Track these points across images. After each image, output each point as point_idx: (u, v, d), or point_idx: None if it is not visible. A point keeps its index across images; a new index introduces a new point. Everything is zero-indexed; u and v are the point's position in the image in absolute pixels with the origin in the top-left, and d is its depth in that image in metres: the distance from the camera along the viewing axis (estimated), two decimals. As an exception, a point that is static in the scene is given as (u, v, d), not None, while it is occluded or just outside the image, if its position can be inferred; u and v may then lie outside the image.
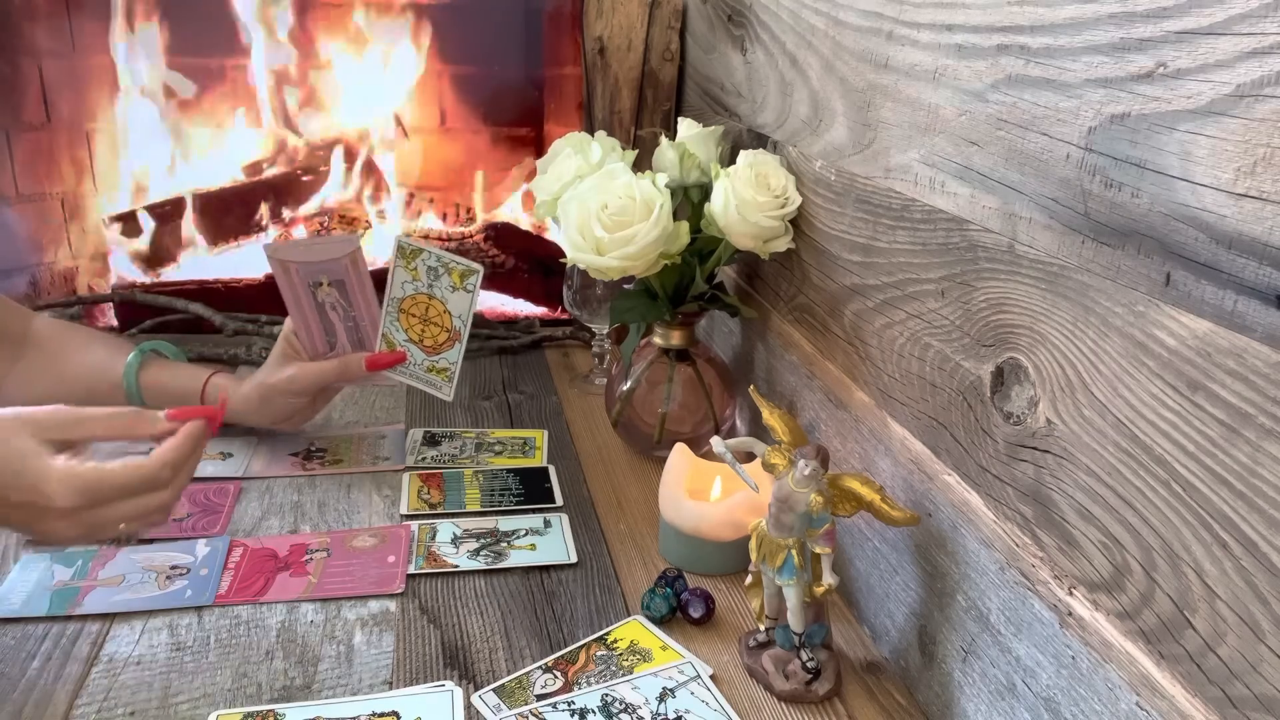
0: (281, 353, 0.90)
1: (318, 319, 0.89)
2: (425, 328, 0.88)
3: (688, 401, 0.96)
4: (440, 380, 0.90)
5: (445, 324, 0.88)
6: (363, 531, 0.81)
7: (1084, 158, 0.48)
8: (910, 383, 0.67)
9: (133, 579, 0.73)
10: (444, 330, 0.88)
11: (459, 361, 0.89)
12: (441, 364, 0.89)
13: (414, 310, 0.88)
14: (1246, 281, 0.38)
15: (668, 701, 0.62)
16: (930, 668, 0.64)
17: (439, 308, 0.87)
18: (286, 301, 0.88)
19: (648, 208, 0.83)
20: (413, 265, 0.86)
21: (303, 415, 0.93)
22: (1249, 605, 0.39)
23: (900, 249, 0.68)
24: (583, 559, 0.79)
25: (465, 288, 0.86)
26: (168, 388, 0.93)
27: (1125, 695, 0.46)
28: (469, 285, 0.86)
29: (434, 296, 0.87)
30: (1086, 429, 0.49)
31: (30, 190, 1.29)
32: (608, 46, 1.25)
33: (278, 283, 0.88)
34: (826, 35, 0.79)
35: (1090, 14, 0.47)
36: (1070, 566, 0.51)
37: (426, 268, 0.86)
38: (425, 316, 0.88)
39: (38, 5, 1.28)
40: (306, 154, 1.53)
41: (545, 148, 1.08)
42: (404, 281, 0.87)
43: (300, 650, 0.66)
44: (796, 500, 0.61)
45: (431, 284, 0.86)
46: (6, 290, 1.24)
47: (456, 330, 0.88)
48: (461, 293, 0.86)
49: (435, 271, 0.86)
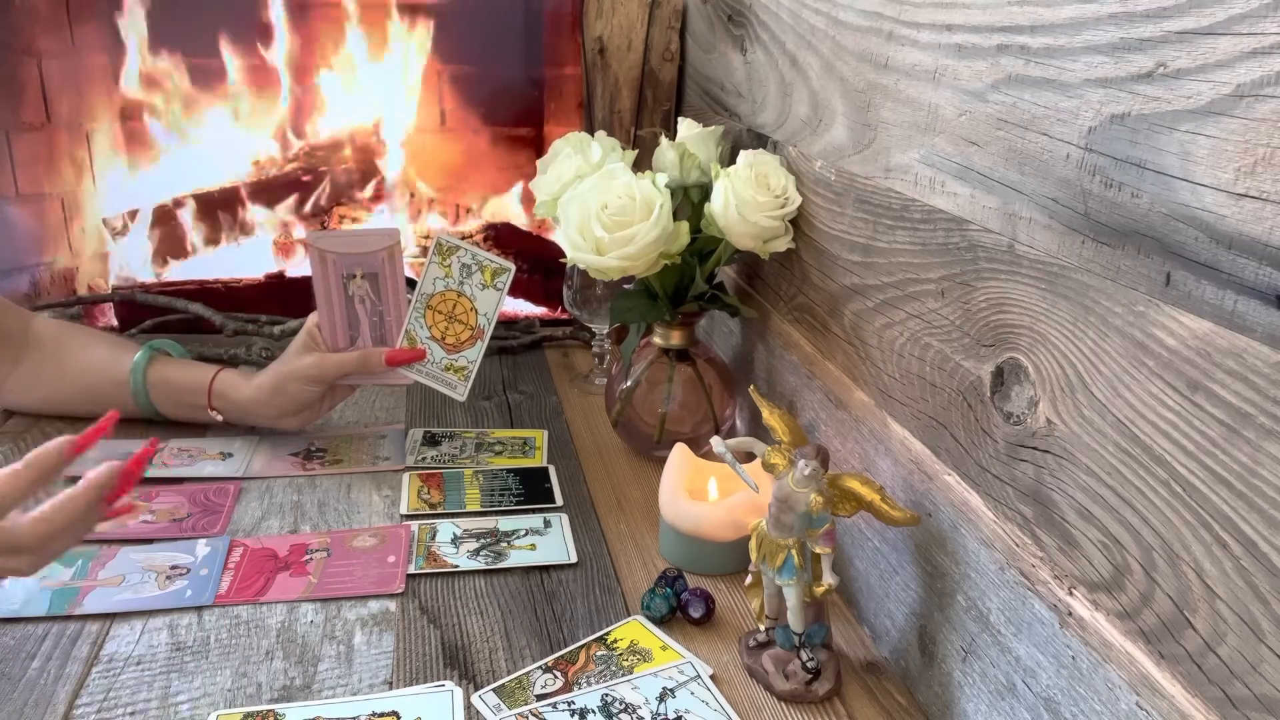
0: (303, 343, 0.91)
1: (344, 312, 0.91)
2: (450, 325, 0.90)
3: (688, 401, 0.96)
4: (456, 379, 0.91)
5: (470, 321, 0.90)
6: (363, 531, 0.81)
7: (1084, 158, 0.48)
8: (910, 383, 0.67)
9: (133, 579, 0.73)
10: (468, 328, 0.90)
11: (478, 360, 0.91)
12: (460, 362, 0.91)
13: (441, 307, 0.90)
14: (1246, 281, 0.38)
15: (668, 701, 0.62)
16: (930, 668, 0.64)
17: (466, 305, 0.90)
18: (316, 291, 0.90)
19: (648, 208, 0.83)
20: (447, 262, 0.89)
21: (310, 413, 0.93)
22: (1249, 605, 0.39)
23: (900, 249, 0.68)
24: (583, 559, 0.79)
25: (495, 285, 0.89)
26: (175, 384, 0.93)
27: (1125, 695, 0.46)
28: (499, 284, 0.89)
29: (463, 294, 0.89)
30: (1086, 429, 0.49)
31: (30, 190, 1.29)
32: (608, 46, 1.25)
33: (312, 270, 0.89)
34: (826, 35, 0.79)
35: (1090, 14, 0.47)
36: (1070, 566, 0.51)
37: (461, 264, 0.89)
38: (452, 313, 0.90)
39: (38, 5, 1.28)
40: (307, 154, 1.53)
41: (545, 148, 1.08)
42: (436, 278, 0.89)
43: (300, 650, 0.66)
44: (796, 500, 0.61)
45: (463, 280, 0.89)
46: (6, 290, 1.24)
47: (480, 328, 0.90)
48: (491, 290, 0.89)
49: (469, 269, 0.89)
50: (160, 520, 0.81)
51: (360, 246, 0.89)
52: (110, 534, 0.78)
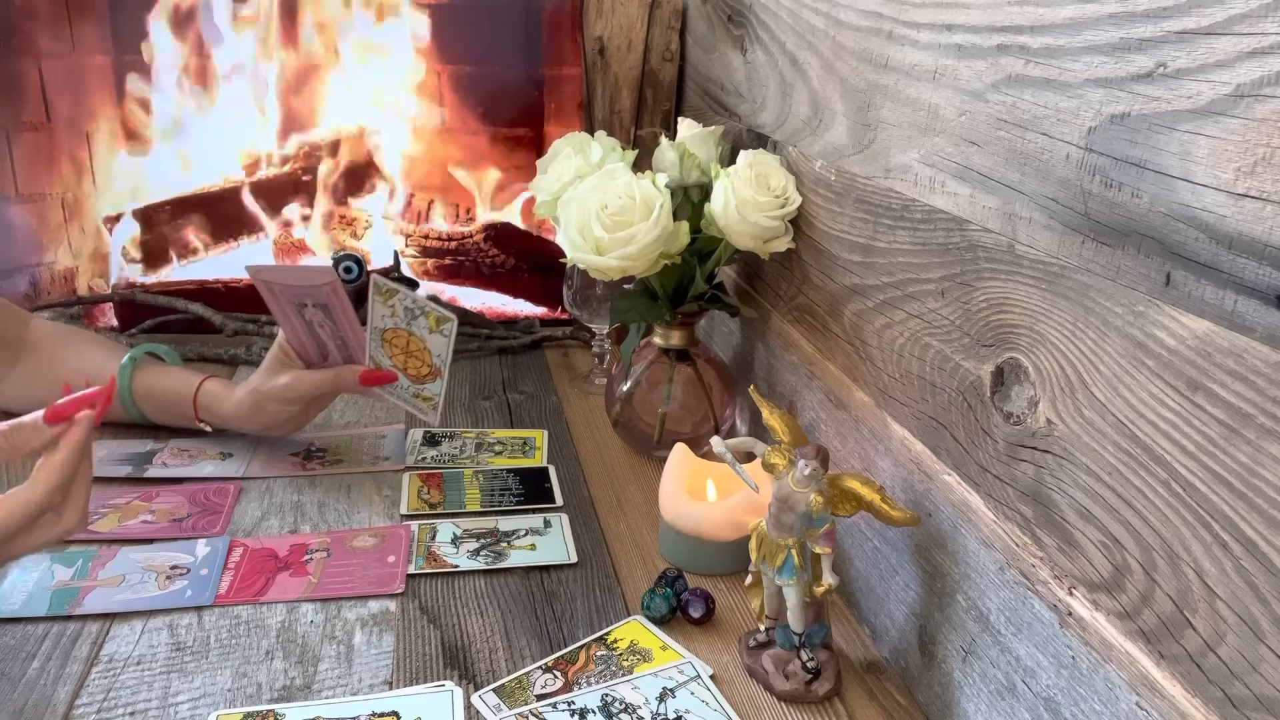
0: (277, 359, 0.89)
1: (308, 334, 0.89)
2: (408, 359, 0.87)
3: (688, 401, 0.96)
4: (425, 407, 0.89)
5: (426, 360, 0.87)
6: (363, 531, 0.81)
7: (1084, 158, 0.48)
8: (910, 383, 0.67)
9: (133, 579, 0.73)
10: (425, 365, 0.87)
11: (441, 394, 0.88)
12: (426, 393, 0.88)
13: (395, 341, 0.87)
14: (1246, 281, 0.38)
15: (668, 701, 0.62)
16: (930, 668, 0.64)
17: (419, 344, 0.86)
18: (275, 316, 0.88)
19: (648, 208, 0.83)
20: (390, 303, 0.85)
21: (294, 423, 0.92)
22: (1249, 605, 0.39)
23: (900, 249, 0.68)
24: (583, 559, 0.79)
25: (442, 332, 0.85)
26: (160, 394, 0.92)
27: (1125, 695, 0.46)
28: (445, 330, 0.84)
29: (413, 333, 0.86)
30: (1086, 429, 0.49)
31: (30, 190, 1.29)
32: (608, 46, 1.25)
33: (265, 300, 0.86)
34: (826, 35, 0.79)
35: (1090, 14, 0.47)
36: (1070, 566, 0.51)
37: (404, 307, 0.85)
38: (407, 349, 0.87)
39: (38, 5, 1.28)
40: (306, 154, 1.53)
41: (545, 148, 1.08)
42: (384, 315, 0.86)
43: (300, 650, 0.66)
44: (796, 500, 0.61)
45: (410, 322, 0.85)
46: (6, 291, 1.24)
47: (437, 367, 0.87)
48: (439, 336, 0.85)
49: (412, 312, 0.85)
50: (160, 520, 0.81)
51: (301, 280, 0.85)
52: (110, 534, 0.78)
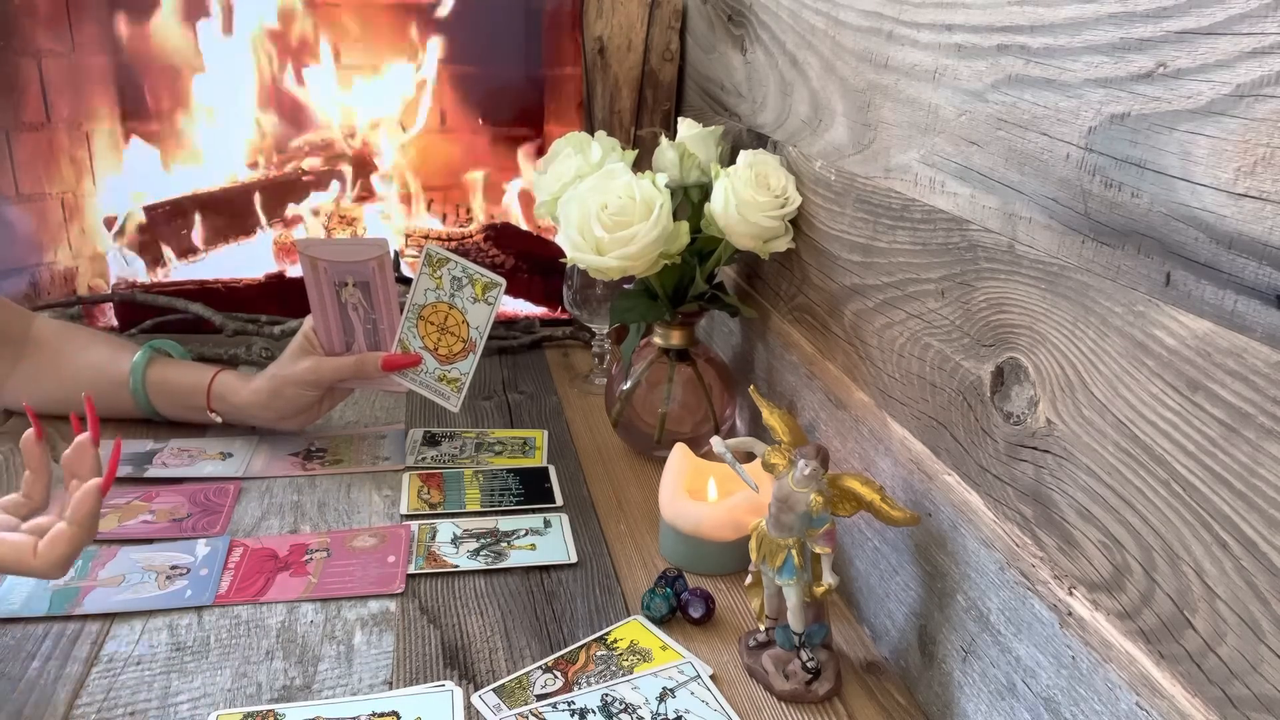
0: (300, 347, 0.90)
1: (339, 318, 0.90)
2: (442, 336, 0.89)
3: (688, 401, 0.96)
4: (449, 390, 0.90)
5: (462, 334, 0.89)
6: (363, 531, 0.81)
7: (1084, 158, 0.48)
8: (910, 383, 0.67)
9: (133, 579, 0.73)
10: (460, 340, 0.89)
11: (470, 373, 0.90)
12: (453, 374, 0.90)
13: (433, 318, 0.89)
14: (1246, 281, 0.38)
15: (668, 701, 0.62)
16: (930, 668, 0.64)
17: (458, 317, 0.88)
18: (310, 297, 0.89)
19: (648, 208, 0.83)
20: (438, 274, 0.88)
21: (308, 415, 0.93)
22: (1249, 605, 0.39)
23: (900, 249, 0.68)
24: (583, 559, 0.79)
25: (487, 300, 0.87)
26: (174, 385, 0.93)
27: (1125, 695, 0.46)
28: (490, 298, 0.88)
29: (454, 306, 0.88)
30: (1086, 429, 0.49)
31: (30, 190, 1.29)
32: (608, 46, 1.25)
33: (304, 277, 0.89)
34: (826, 35, 0.79)
35: (1090, 14, 0.47)
36: (1070, 566, 0.51)
37: (451, 277, 0.87)
38: (444, 325, 0.89)
39: (38, 5, 1.28)
40: (306, 153, 1.53)
41: (545, 148, 1.08)
42: (427, 289, 0.88)
43: (300, 650, 0.66)
44: (796, 500, 0.61)
45: (454, 293, 0.88)
46: (6, 290, 1.24)
47: (472, 341, 0.89)
48: (482, 304, 0.88)
49: (459, 281, 0.87)
50: (160, 520, 0.81)
51: (350, 255, 0.88)
52: (110, 534, 0.78)
